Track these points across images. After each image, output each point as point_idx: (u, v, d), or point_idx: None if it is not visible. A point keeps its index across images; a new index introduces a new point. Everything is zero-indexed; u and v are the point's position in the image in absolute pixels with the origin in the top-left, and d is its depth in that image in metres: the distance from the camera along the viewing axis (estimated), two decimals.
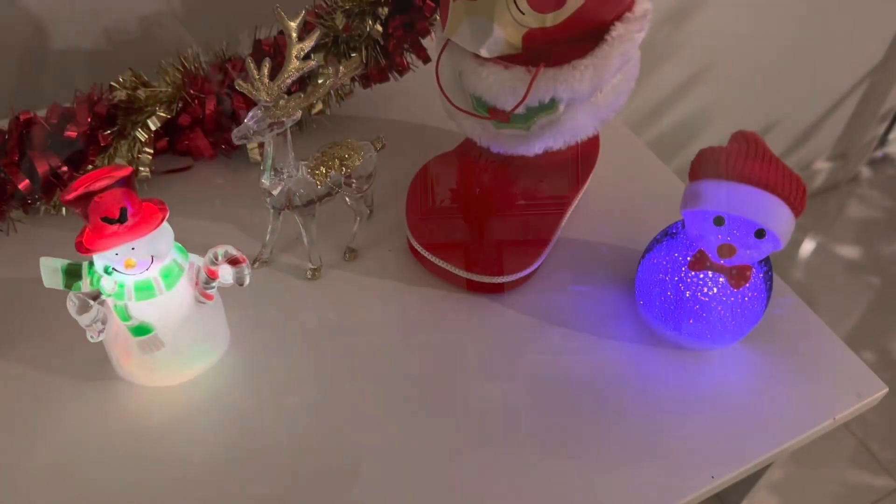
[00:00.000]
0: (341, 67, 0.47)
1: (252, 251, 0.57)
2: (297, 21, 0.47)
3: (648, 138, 1.25)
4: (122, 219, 0.41)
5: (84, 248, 0.42)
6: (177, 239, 0.46)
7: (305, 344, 0.53)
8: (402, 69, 0.66)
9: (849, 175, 1.67)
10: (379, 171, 0.56)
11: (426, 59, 0.66)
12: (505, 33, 0.45)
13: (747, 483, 0.66)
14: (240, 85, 0.46)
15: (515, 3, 0.44)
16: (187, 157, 0.63)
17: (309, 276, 0.56)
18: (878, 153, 1.72)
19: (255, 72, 0.46)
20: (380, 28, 0.62)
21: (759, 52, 1.25)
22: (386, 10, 0.62)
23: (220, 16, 0.76)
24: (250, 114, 0.47)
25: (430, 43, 0.65)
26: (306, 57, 0.48)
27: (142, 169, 0.58)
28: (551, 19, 0.45)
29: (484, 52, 0.46)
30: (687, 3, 1.08)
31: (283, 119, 0.47)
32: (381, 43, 0.63)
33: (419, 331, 0.54)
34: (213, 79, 0.60)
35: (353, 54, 0.53)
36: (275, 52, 0.62)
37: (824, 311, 1.50)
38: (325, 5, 0.63)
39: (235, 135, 0.47)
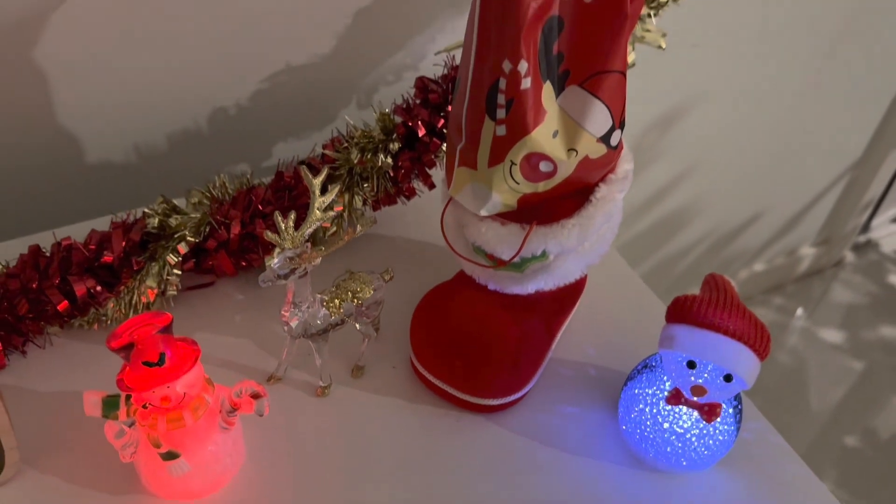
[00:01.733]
0: (358, 226, 0.53)
1: (267, 366, 0.63)
2: (320, 178, 0.54)
3: (638, 230, 1.31)
4: (160, 362, 0.46)
5: (125, 386, 0.47)
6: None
7: (314, 459, 0.57)
8: (410, 195, 0.72)
9: (833, 260, 1.73)
10: (387, 284, 0.62)
11: (431, 186, 0.73)
12: (502, 198, 0.51)
13: None
14: (268, 235, 0.52)
15: (511, 175, 0.50)
16: (210, 273, 0.69)
17: (319, 394, 0.61)
18: (862, 238, 1.79)
19: (282, 224, 0.52)
20: (390, 161, 0.69)
21: (743, 151, 1.33)
22: (397, 145, 0.69)
23: (243, 133, 0.83)
24: (276, 260, 0.52)
25: (436, 171, 0.72)
26: (327, 208, 0.54)
27: (170, 289, 0.64)
28: (542, 186, 0.51)
29: (483, 213, 0.52)
30: (673, 110, 1.16)
31: (305, 266, 0.52)
32: (391, 174, 0.69)
33: (418, 448, 0.59)
34: (239, 205, 0.66)
35: (370, 215, 0.59)
36: (295, 181, 0.68)
37: (808, 394, 1.55)
38: (342, 139, 0.70)
39: (261, 280, 0.52)
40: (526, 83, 0.47)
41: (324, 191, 0.54)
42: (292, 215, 0.53)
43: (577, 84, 0.49)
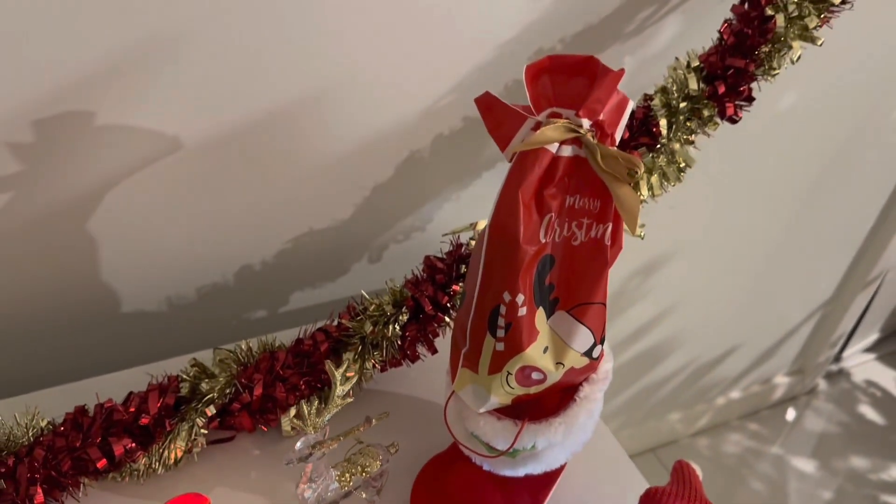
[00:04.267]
0: (374, 419, 0.61)
1: None
2: (342, 370, 0.62)
3: (620, 362, 1.39)
4: None
5: None
6: None
7: None
8: (414, 359, 0.80)
9: (806, 388, 1.81)
10: (390, 439, 0.69)
11: (434, 351, 0.81)
12: (499, 399, 0.60)
13: None
14: (293, 422, 0.60)
15: (508, 382, 0.59)
16: (231, 429, 0.76)
17: None
18: (834, 367, 1.88)
19: (305, 411, 0.60)
20: (399, 332, 0.77)
21: (721, 292, 1.42)
22: (405, 317, 0.77)
23: (267, 287, 0.91)
24: (299, 444, 0.60)
25: (439, 340, 0.80)
26: (346, 396, 0.62)
27: (196, 447, 0.71)
28: (534, 390, 0.60)
29: (481, 411, 0.60)
30: (654, 260, 1.26)
31: (324, 451, 0.60)
32: (399, 343, 0.78)
33: None
34: (262, 368, 0.74)
35: (383, 414, 0.67)
36: (313, 348, 0.76)
37: None
38: (357, 308, 0.79)
39: (286, 460, 0.60)
40: (522, 311, 0.56)
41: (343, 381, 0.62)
42: (315, 404, 0.61)
43: (566, 310, 0.58)
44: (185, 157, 0.76)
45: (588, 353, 0.60)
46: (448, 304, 0.79)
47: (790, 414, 1.73)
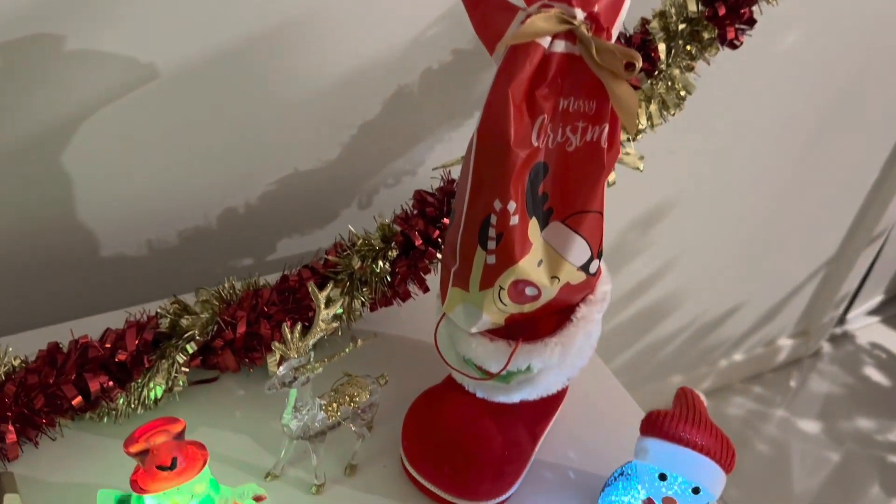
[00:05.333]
0: (360, 340, 0.58)
1: (265, 463, 0.66)
2: (325, 293, 0.59)
3: (620, 321, 1.36)
4: (172, 466, 0.50)
5: (139, 487, 0.51)
6: None
7: None
8: (405, 297, 0.77)
9: (810, 351, 1.78)
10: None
11: (426, 290, 0.78)
12: (491, 318, 0.57)
13: None
14: (275, 346, 0.57)
15: (500, 298, 0.55)
16: (214, 370, 0.73)
17: (314, 492, 0.65)
18: (838, 330, 1.85)
19: (288, 334, 0.57)
20: (388, 268, 0.74)
21: (722, 248, 1.39)
22: (395, 252, 0.74)
23: (251, 230, 0.88)
24: (281, 369, 0.57)
25: (430, 277, 0.77)
26: (331, 320, 0.59)
27: (177, 386, 0.68)
28: (528, 308, 0.57)
29: (473, 331, 0.57)
30: (653, 211, 1.22)
31: (308, 375, 0.57)
32: (388, 279, 0.75)
33: None
34: (245, 306, 0.71)
35: (370, 334, 0.63)
36: (299, 285, 0.73)
37: (785, 484, 1.58)
38: (344, 245, 0.75)
39: (268, 386, 0.57)
40: (514, 220, 0.53)
41: (327, 304, 0.59)
42: (298, 326, 0.57)
43: (560, 221, 0.55)
44: (161, 87, 0.73)
45: (585, 268, 0.57)
46: (439, 240, 0.75)
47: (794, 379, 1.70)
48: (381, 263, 0.74)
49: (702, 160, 1.19)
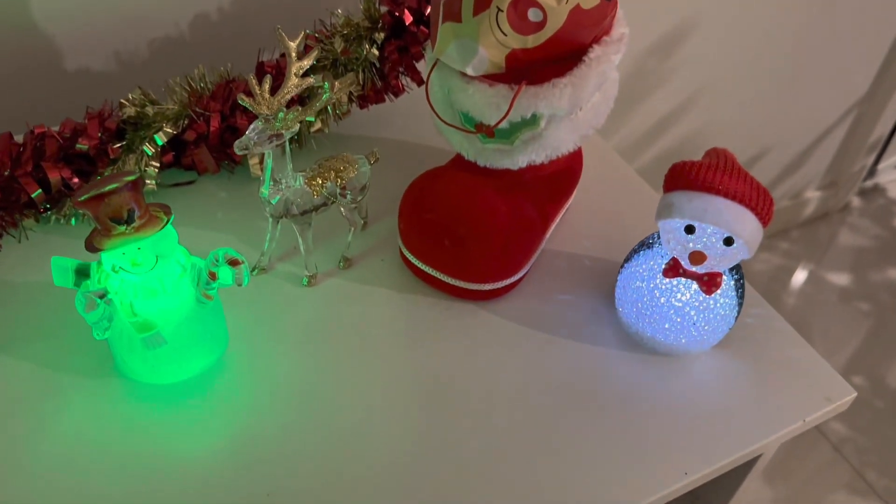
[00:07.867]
0: (336, 83, 0.50)
1: (252, 259, 0.60)
2: (297, 41, 0.51)
3: (639, 165, 1.28)
4: (129, 220, 0.44)
5: (93, 246, 0.45)
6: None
7: (302, 346, 0.55)
8: (398, 91, 0.70)
9: (839, 204, 1.70)
10: (374, 184, 0.60)
11: (420, 82, 0.70)
12: (489, 54, 0.49)
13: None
14: (242, 99, 0.50)
15: (499, 25, 0.47)
16: (192, 172, 0.66)
17: (305, 284, 0.59)
18: (868, 183, 1.76)
19: (256, 87, 0.50)
20: (376, 52, 0.66)
21: (747, 81, 1.29)
22: (382, 35, 0.66)
23: (226, 39, 0.80)
24: (251, 126, 0.50)
25: (424, 66, 0.69)
26: (305, 74, 0.51)
27: (148, 182, 0.62)
28: (532, 41, 0.49)
29: (470, 71, 0.50)
30: (674, 35, 1.13)
31: (283, 131, 0.50)
32: (378, 66, 0.67)
33: (409, 335, 0.57)
34: (218, 97, 0.64)
35: (349, 73, 0.56)
36: (277, 72, 0.65)
37: (817, 337, 1.52)
38: (325, 30, 0.67)
39: (237, 145, 0.50)
40: None
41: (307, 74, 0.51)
42: (268, 80, 0.50)
43: None
44: None
45: None
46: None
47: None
48: (367, 46, 0.66)
49: None
